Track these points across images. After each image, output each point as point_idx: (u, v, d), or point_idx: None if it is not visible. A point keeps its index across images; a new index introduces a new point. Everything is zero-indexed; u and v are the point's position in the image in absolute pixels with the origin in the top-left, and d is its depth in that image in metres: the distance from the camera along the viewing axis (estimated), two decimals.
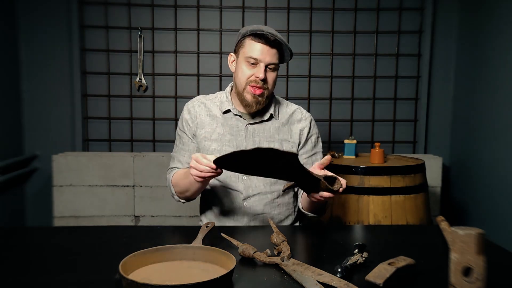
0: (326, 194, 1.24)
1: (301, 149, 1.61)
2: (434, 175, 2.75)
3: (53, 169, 2.66)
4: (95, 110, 2.89)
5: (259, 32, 1.45)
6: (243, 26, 2.87)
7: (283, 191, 1.26)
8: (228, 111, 1.58)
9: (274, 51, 1.47)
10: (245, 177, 1.54)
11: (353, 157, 2.59)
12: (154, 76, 2.88)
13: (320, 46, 2.92)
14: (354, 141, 2.59)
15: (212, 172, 1.28)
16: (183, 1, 2.84)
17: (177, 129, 1.65)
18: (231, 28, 2.86)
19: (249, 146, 1.55)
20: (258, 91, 1.48)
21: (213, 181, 1.57)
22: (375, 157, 2.41)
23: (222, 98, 1.61)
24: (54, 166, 2.66)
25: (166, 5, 2.84)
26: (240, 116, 1.57)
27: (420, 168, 2.30)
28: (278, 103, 1.63)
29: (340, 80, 2.95)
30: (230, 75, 2.85)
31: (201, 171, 1.28)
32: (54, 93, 2.86)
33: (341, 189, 1.23)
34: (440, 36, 2.95)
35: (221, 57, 2.88)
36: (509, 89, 2.30)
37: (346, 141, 2.60)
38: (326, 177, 1.23)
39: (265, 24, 2.86)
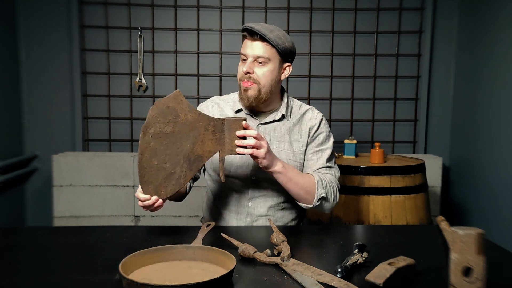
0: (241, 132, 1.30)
1: (308, 144, 1.59)
2: (434, 175, 2.75)
3: (53, 169, 2.66)
4: (95, 110, 2.89)
5: (243, 27, 1.47)
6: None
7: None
8: (240, 110, 1.58)
9: (258, 43, 1.45)
10: (253, 177, 1.54)
11: (353, 157, 2.59)
12: (154, 76, 2.88)
13: (320, 46, 2.91)
14: (354, 141, 2.59)
15: (146, 205, 1.30)
16: (183, 1, 2.84)
17: None
18: (231, 28, 2.86)
19: None
20: (246, 84, 1.48)
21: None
22: (375, 157, 2.41)
23: (235, 98, 1.61)
24: (54, 166, 2.66)
25: (166, 5, 2.84)
26: (252, 116, 1.57)
27: (420, 168, 2.30)
28: (290, 104, 1.62)
29: (340, 80, 2.95)
30: (230, 75, 2.86)
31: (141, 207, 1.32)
32: (54, 93, 2.86)
33: (244, 123, 1.30)
34: (440, 36, 2.95)
35: (221, 57, 2.88)
36: (509, 89, 2.30)
37: (346, 141, 2.60)
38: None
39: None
